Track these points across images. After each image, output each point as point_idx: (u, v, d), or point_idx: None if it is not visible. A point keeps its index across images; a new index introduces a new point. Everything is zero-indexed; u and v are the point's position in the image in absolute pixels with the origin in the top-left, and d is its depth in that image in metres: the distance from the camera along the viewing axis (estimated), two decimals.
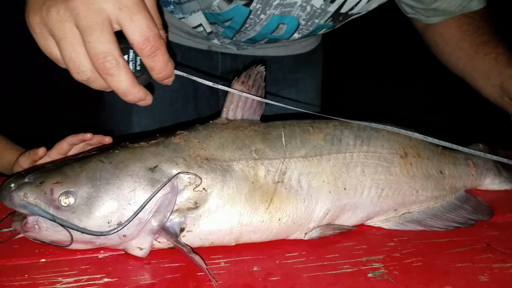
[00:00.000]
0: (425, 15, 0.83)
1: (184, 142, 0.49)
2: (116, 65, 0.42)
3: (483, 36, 0.78)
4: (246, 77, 0.54)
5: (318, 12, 0.72)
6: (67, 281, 0.43)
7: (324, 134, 0.54)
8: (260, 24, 0.74)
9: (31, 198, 0.43)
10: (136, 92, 0.44)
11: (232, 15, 0.73)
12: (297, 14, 0.72)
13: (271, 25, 0.75)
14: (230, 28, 0.77)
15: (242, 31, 0.77)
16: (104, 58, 0.41)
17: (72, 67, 0.42)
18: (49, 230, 0.44)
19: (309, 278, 0.45)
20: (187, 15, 0.80)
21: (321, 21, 0.74)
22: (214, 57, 0.91)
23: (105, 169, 0.45)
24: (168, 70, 0.45)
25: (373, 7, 0.75)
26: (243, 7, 0.71)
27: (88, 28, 0.40)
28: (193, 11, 0.78)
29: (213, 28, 0.80)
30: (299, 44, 0.96)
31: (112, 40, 0.41)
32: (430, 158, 0.60)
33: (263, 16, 0.72)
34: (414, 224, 0.57)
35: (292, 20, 0.74)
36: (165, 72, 0.45)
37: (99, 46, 0.41)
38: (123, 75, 0.43)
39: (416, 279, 0.45)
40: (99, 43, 0.41)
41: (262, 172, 0.49)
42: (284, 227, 0.50)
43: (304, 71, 0.99)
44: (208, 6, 0.73)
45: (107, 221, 0.44)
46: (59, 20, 0.41)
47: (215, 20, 0.77)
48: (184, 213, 0.47)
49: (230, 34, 0.79)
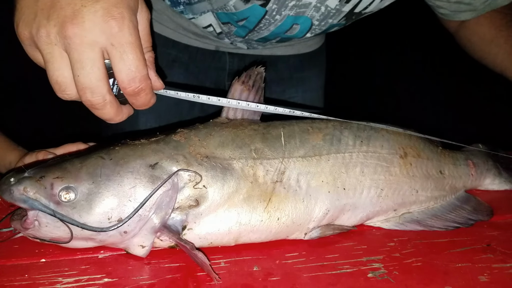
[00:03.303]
0: (450, 9, 0.81)
1: (184, 139, 0.49)
2: (102, 102, 0.42)
3: None
4: (247, 77, 0.55)
5: (332, 13, 0.72)
6: (67, 281, 0.43)
7: (324, 134, 0.54)
8: (275, 24, 0.74)
9: (31, 193, 0.43)
10: (119, 119, 0.45)
11: (248, 14, 0.73)
12: (311, 14, 0.72)
13: (286, 25, 0.75)
14: (243, 27, 0.77)
15: (256, 30, 0.77)
16: (91, 94, 0.41)
17: (57, 89, 0.42)
18: (49, 226, 0.44)
19: (309, 278, 0.45)
20: (197, 15, 0.80)
21: (334, 21, 0.74)
22: (221, 58, 0.91)
23: (106, 165, 0.45)
24: (149, 105, 0.46)
25: (385, 5, 0.74)
26: (260, 7, 0.70)
27: (79, 62, 0.40)
28: (203, 11, 0.78)
29: (225, 28, 0.80)
30: (305, 43, 0.96)
31: (102, 77, 0.41)
32: (430, 158, 0.60)
33: (278, 16, 0.72)
34: (414, 224, 0.57)
35: (306, 21, 0.74)
36: (145, 107, 0.46)
37: (87, 81, 0.40)
38: (108, 109, 0.43)
39: (416, 279, 0.45)
40: (88, 79, 0.40)
41: (261, 171, 0.50)
42: (283, 227, 0.50)
43: (309, 70, 0.99)
44: (223, 6, 0.73)
45: (107, 217, 0.44)
46: (48, 43, 0.40)
47: (228, 19, 0.77)
48: (185, 210, 0.47)
49: (243, 33, 0.79)
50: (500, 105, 1.94)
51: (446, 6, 0.81)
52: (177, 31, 0.86)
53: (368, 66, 2.61)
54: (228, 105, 0.53)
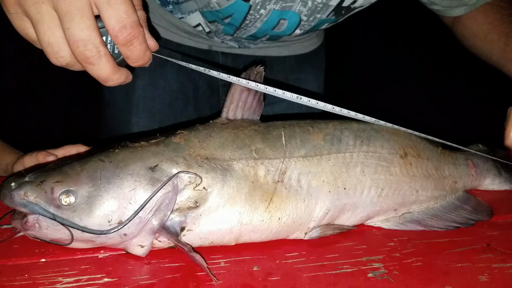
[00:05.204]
0: (442, 5, 0.80)
1: (184, 141, 0.49)
2: (96, 54, 0.40)
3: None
4: (246, 77, 0.54)
5: (319, 7, 0.71)
6: (67, 281, 0.43)
7: (324, 134, 0.54)
8: (261, 20, 0.73)
9: (32, 197, 0.43)
10: (117, 78, 0.43)
11: (232, 11, 0.72)
12: (298, 9, 0.71)
13: (272, 21, 0.74)
14: (230, 25, 0.76)
15: (243, 27, 0.76)
16: (84, 47, 0.39)
17: (50, 52, 0.41)
18: (50, 228, 0.44)
19: (309, 278, 0.45)
20: (185, 15, 0.79)
21: (323, 15, 0.73)
22: (215, 57, 0.91)
23: (106, 168, 0.45)
24: (145, 59, 0.43)
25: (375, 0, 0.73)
26: (243, 3, 0.70)
27: (68, 14, 0.39)
28: (191, 11, 0.78)
29: (212, 26, 0.80)
30: (301, 44, 0.96)
31: (93, 27, 0.40)
32: (430, 158, 0.60)
33: (263, 11, 0.71)
34: (414, 224, 0.57)
35: (294, 16, 0.73)
36: (142, 61, 0.43)
37: (79, 33, 0.39)
38: (104, 63, 0.41)
39: (416, 279, 0.45)
40: (79, 30, 0.39)
41: (262, 171, 0.50)
42: (284, 227, 0.50)
43: (306, 72, 0.98)
44: (207, 4, 0.73)
45: (107, 220, 0.44)
46: (35, 2, 0.39)
47: (214, 18, 0.76)
48: (184, 212, 0.47)
49: (231, 31, 0.79)
50: (500, 105, 1.94)
51: (438, 2, 0.80)
52: (169, 30, 0.85)
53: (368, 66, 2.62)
54: (238, 83, 0.52)
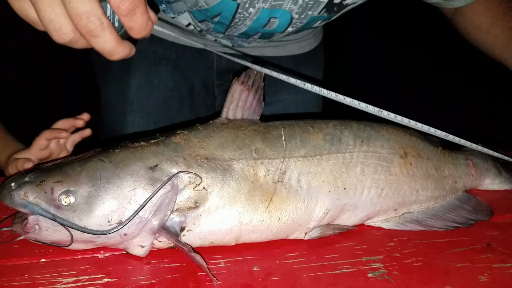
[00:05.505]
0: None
1: (184, 141, 0.49)
2: (100, 26, 0.39)
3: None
4: (246, 77, 0.55)
5: (310, 4, 0.70)
6: (67, 281, 0.43)
7: (324, 134, 0.54)
8: (250, 18, 0.73)
9: (32, 197, 0.43)
10: (122, 50, 0.42)
11: (220, 9, 0.72)
12: (289, 7, 0.70)
13: (262, 19, 0.73)
14: (220, 23, 0.76)
15: (233, 26, 0.76)
16: (87, 19, 0.39)
17: (52, 30, 0.40)
18: (50, 229, 0.44)
19: (309, 278, 0.45)
20: (176, 15, 0.79)
21: (314, 12, 0.72)
22: (209, 56, 0.90)
23: (106, 168, 0.45)
24: (148, 29, 0.43)
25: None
26: (230, 1, 0.69)
27: None
28: (181, 11, 0.77)
29: (203, 25, 0.79)
30: (298, 44, 0.95)
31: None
32: (430, 158, 0.60)
33: (252, 10, 0.70)
34: (414, 224, 0.57)
35: (284, 14, 0.72)
36: (144, 32, 0.42)
37: (80, 6, 0.38)
38: (108, 35, 0.40)
39: (416, 279, 0.45)
40: (81, 2, 0.38)
41: (262, 171, 0.50)
42: (284, 227, 0.50)
43: (303, 72, 0.98)
44: (195, 3, 0.72)
45: (107, 220, 0.44)
46: None
47: (204, 17, 0.76)
48: (184, 212, 0.47)
49: (222, 29, 0.78)
50: (500, 105, 1.94)
51: None
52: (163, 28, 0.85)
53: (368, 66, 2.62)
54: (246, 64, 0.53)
